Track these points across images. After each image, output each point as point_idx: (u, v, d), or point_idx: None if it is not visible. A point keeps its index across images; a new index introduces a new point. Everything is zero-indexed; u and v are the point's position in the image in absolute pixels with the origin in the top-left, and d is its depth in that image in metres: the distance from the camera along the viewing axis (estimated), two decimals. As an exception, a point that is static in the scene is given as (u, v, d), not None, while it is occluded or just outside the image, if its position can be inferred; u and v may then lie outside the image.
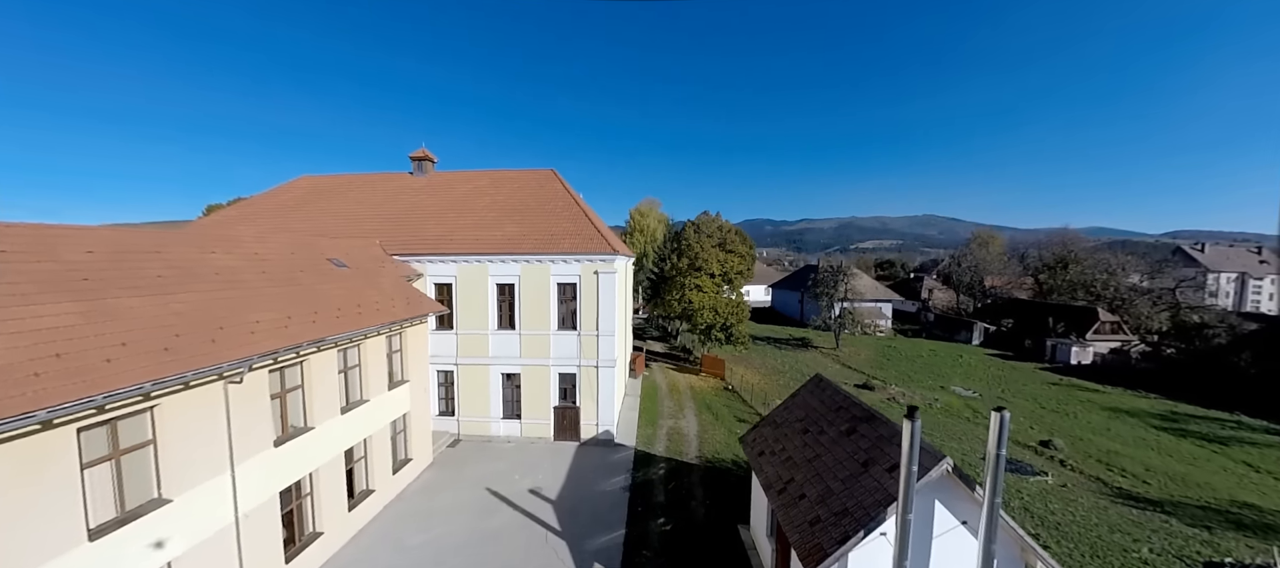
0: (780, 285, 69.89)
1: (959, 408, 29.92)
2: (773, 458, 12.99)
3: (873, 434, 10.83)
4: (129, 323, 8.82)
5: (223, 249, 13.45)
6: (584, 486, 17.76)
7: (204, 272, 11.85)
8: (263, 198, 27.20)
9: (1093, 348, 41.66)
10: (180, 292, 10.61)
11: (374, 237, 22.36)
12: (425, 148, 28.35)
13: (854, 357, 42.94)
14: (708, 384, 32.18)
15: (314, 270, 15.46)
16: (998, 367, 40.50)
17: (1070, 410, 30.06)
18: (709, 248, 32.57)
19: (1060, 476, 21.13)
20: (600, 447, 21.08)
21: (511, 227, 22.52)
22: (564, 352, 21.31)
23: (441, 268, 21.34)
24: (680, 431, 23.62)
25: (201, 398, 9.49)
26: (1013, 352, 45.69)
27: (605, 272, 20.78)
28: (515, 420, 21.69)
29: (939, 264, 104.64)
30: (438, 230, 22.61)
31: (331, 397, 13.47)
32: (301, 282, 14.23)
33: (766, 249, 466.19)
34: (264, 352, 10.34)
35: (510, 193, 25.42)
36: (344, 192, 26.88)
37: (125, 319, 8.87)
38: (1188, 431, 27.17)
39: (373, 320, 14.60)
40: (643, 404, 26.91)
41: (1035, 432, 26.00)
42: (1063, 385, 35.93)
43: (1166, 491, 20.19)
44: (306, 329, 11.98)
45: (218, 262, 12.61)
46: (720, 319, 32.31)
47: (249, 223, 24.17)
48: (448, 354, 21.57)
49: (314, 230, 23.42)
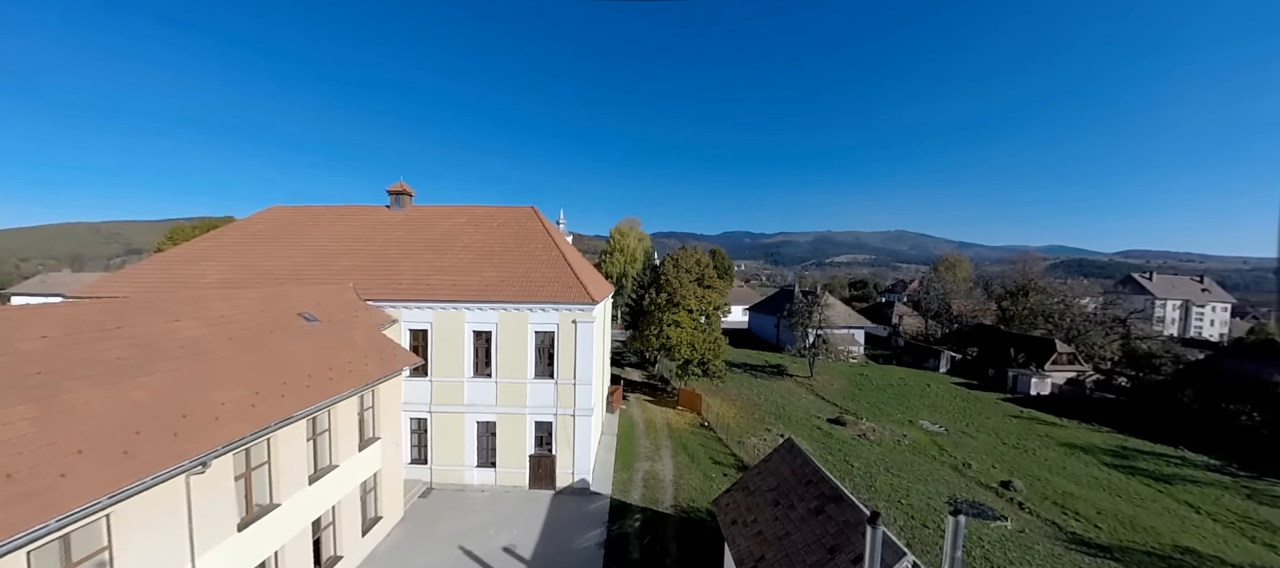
0: (757, 309, 70.98)
1: (926, 444, 30.86)
2: (744, 529, 13.25)
3: (840, 518, 11.19)
4: (86, 423, 8.53)
5: (188, 314, 13.10)
6: (559, 541, 17.68)
7: (168, 345, 11.52)
8: (234, 229, 26.42)
9: (1050, 379, 43.59)
10: (141, 374, 10.29)
11: (348, 278, 22.00)
12: (403, 181, 28.06)
13: (827, 386, 43.86)
14: (684, 420, 32.41)
15: (284, 328, 15.13)
16: (963, 398, 41.95)
17: (1029, 447, 31.34)
18: (687, 283, 32.98)
19: (1019, 520, 22.00)
20: (576, 496, 21.02)
21: (489, 271, 22.44)
22: (541, 400, 21.25)
23: (417, 314, 21.09)
24: (656, 475, 23.72)
25: (161, 494, 9.20)
26: (977, 381, 47.41)
27: (583, 320, 20.88)
28: (490, 469, 21.45)
29: (909, 285, 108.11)
30: (414, 273, 22.36)
31: (299, 468, 13.16)
32: (270, 345, 13.91)
33: (745, 262, 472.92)
34: (229, 441, 10.10)
35: (489, 233, 25.33)
36: (317, 224, 26.32)
37: (82, 418, 8.57)
38: (1136, 468, 28.66)
39: (345, 384, 14.35)
40: (619, 444, 26.94)
41: (997, 472, 27.02)
42: (1023, 418, 37.45)
43: (1116, 535, 21.23)
44: (274, 406, 11.72)
45: (182, 331, 12.26)
46: (697, 355, 32.68)
47: (218, 258, 23.47)
48: (422, 401, 21.25)
49: (286, 267, 22.90)
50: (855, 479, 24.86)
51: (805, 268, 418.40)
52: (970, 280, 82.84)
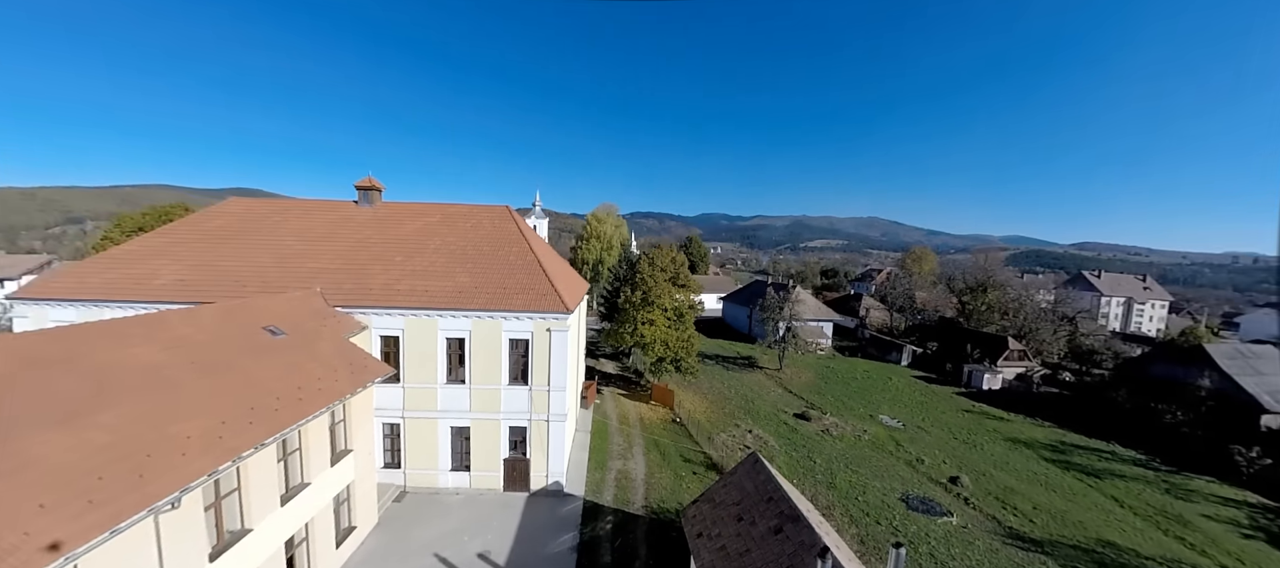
0: (731, 299, 72.28)
1: (884, 440, 32.60)
2: (709, 543, 14.00)
3: (796, 539, 11.97)
4: (45, 474, 8.36)
5: (144, 337, 12.73)
6: (533, 546, 18.21)
7: (125, 375, 11.22)
8: (189, 223, 25.22)
9: (1001, 375, 46.30)
10: (100, 410, 10.06)
11: (315, 281, 21.48)
12: (372, 176, 27.26)
13: (795, 379, 45.46)
14: (656, 415, 33.24)
15: (248, 346, 14.83)
16: (921, 392, 44.21)
17: (978, 442, 33.50)
18: (662, 283, 33.42)
19: (963, 515, 23.73)
20: (550, 497, 21.54)
21: (463, 275, 22.28)
22: (515, 406, 21.49)
23: (389, 321, 20.85)
24: (628, 474, 24.46)
25: (129, 536, 9.14)
26: (936, 375, 49.93)
27: (558, 329, 21.07)
28: (464, 472, 21.71)
29: (878, 276, 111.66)
30: (384, 277, 22.00)
31: (270, 489, 13.14)
32: (235, 366, 13.65)
33: (721, 244, 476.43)
34: (197, 477, 10.04)
35: (462, 234, 25.02)
36: (281, 220, 25.41)
37: (41, 468, 8.40)
38: (1071, 463, 31.07)
39: (314, 404, 14.24)
40: (593, 442, 27.52)
41: (947, 467, 28.87)
42: (975, 413, 39.84)
43: (1048, 530, 23.17)
44: (242, 435, 11.62)
45: (140, 357, 11.94)
46: (671, 353, 33.37)
47: (172, 256, 22.48)
48: (394, 406, 21.19)
49: (249, 269, 22.16)
50: (816, 476, 26.20)
51: (780, 252, 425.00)
52: (935, 274, 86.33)
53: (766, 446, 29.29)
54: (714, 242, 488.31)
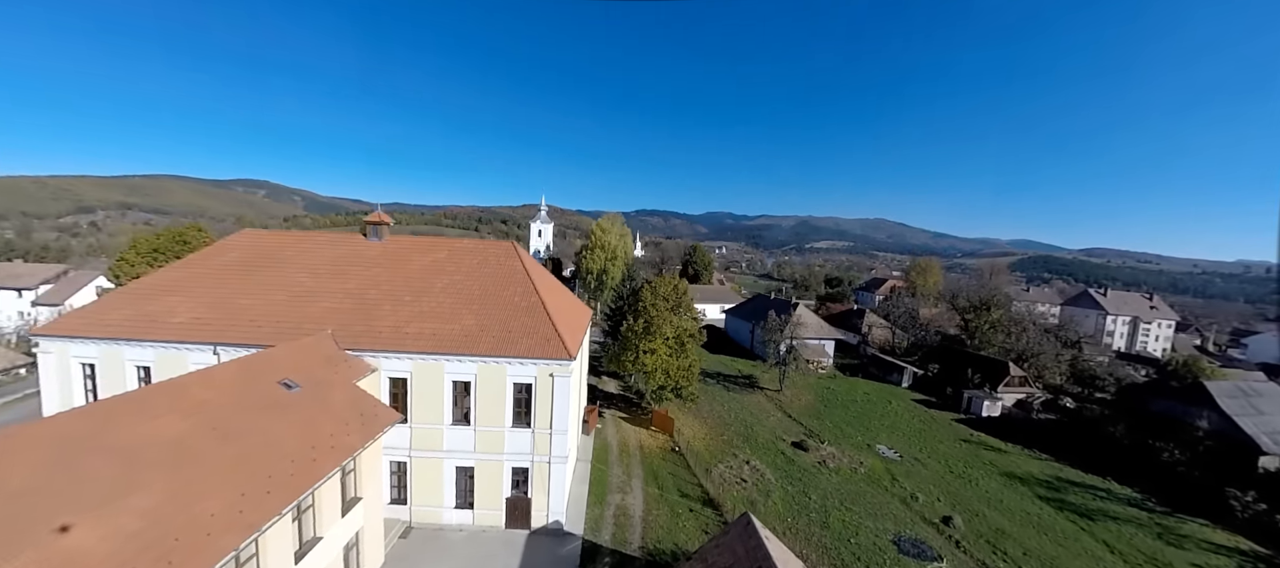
0: (734, 312, 72.67)
1: (880, 473, 33.04)
2: (701, 608, 14.56)
3: (784, 618, 12.51)
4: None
5: (167, 405, 13.41)
6: (532, 591, 18.87)
7: (151, 451, 11.90)
8: (202, 257, 25.99)
9: (1001, 402, 46.51)
10: (130, 492, 10.73)
11: (326, 322, 22.18)
12: (380, 211, 27.92)
13: (795, 401, 45.91)
14: (656, 442, 33.85)
15: (265, 402, 15.52)
16: (920, 419, 44.53)
17: (973, 476, 33.86)
18: (664, 312, 33.94)
19: (953, 560, 24.18)
20: (550, 536, 22.20)
21: (469, 317, 22.90)
22: (518, 447, 22.13)
23: (397, 363, 21.53)
24: (626, 510, 25.09)
25: (155, 619, 9.81)
26: (936, 398, 50.19)
27: (561, 374, 21.66)
28: (468, 510, 22.40)
29: (883, 284, 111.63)
30: (393, 318, 22.66)
31: (284, 549, 13.80)
32: (253, 429, 14.32)
33: (726, 244, 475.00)
34: (222, 558, 10.70)
35: (468, 272, 25.63)
36: (292, 255, 26.10)
37: (76, 563, 9.07)
38: (1065, 502, 31.38)
39: (328, 463, 14.92)
40: (593, 473, 28.15)
41: (940, 505, 29.29)
42: (972, 442, 40.16)
43: (1037, 577, 23.59)
44: (262, 506, 12.29)
45: (164, 430, 12.62)
46: (672, 381, 33.93)
47: (187, 292, 23.24)
48: (402, 445, 21.89)
49: (261, 307, 22.88)
50: (811, 515, 26.73)
51: (785, 253, 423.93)
52: (939, 290, 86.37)
53: (763, 479, 29.82)
54: (719, 241, 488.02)
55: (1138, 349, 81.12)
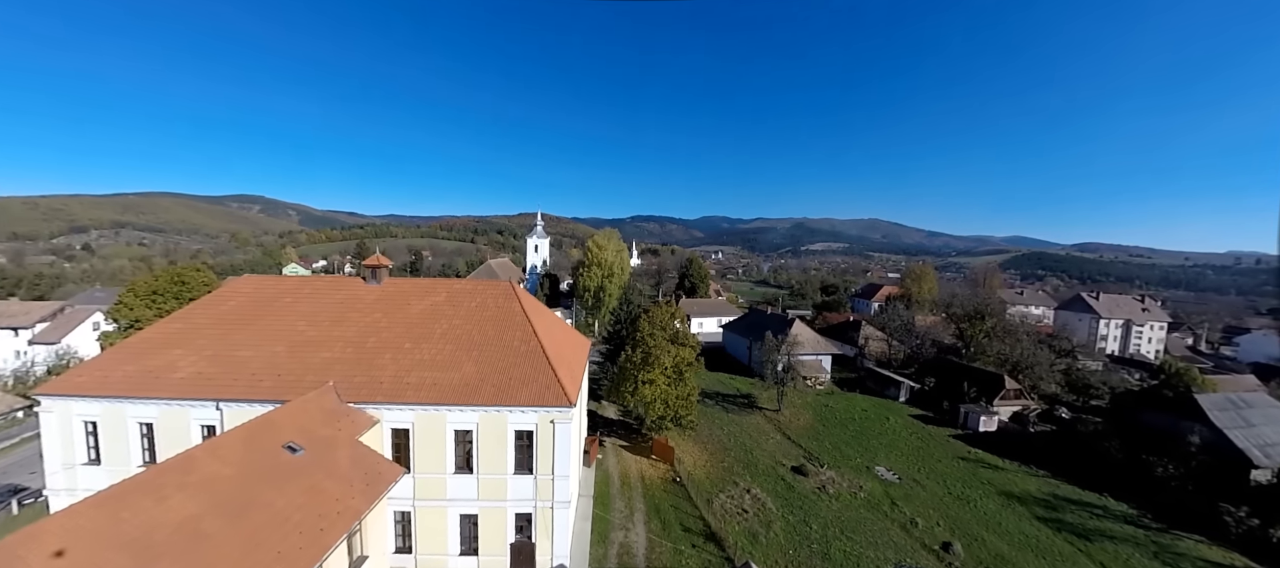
0: (732, 328, 73.03)
1: (880, 497, 33.35)
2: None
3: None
4: (99, 678, 9.22)
5: (176, 483, 13.60)
6: (537, 642, 19.02)
7: (162, 536, 12.09)
8: (202, 307, 26.10)
9: (997, 416, 46.96)
10: (142, 587, 10.91)
11: (328, 373, 22.37)
12: (379, 254, 28.17)
13: (794, 422, 46.22)
14: (657, 472, 34.08)
15: (270, 471, 15.71)
16: (918, 436, 44.91)
17: (972, 497, 34.20)
18: (662, 342, 34.25)
19: (954, 590, 24.49)
20: (554, 581, 22.36)
21: (469, 365, 23.14)
22: (521, 493, 22.33)
23: (399, 414, 21.73)
24: (629, 549, 25.30)
25: None
26: (933, 413, 50.59)
27: (562, 421, 21.91)
28: (472, 557, 22.54)
29: (878, 292, 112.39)
30: (394, 368, 22.88)
31: (292, 623, 13.98)
32: (259, 502, 14.51)
33: (722, 248, 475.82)
34: (231, 650, 10.89)
35: (467, 316, 25.88)
36: (291, 302, 26.27)
37: (94, 671, 9.26)
38: (1063, 522, 31.73)
39: (336, 532, 15.10)
40: (595, 509, 28.34)
41: (940, 530, 29.61)
42: (970, 460, 40.52)
43: (1036, 605, 23.90)
44: (270, 589, 12.48)
45: (174, 511, 12.81)
46: (671, 411, 34.20)
47: (188, 345, 23.37)
48: (405, 495, 22.03)
49: (262, 360, 23.04)
50: (813, 546, 27.00)
51: (781, 256, 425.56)
52: (934, 296, 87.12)
53: (764, 509, 30.08)
54: (715, 245, 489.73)
55: (1131, 352, 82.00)
